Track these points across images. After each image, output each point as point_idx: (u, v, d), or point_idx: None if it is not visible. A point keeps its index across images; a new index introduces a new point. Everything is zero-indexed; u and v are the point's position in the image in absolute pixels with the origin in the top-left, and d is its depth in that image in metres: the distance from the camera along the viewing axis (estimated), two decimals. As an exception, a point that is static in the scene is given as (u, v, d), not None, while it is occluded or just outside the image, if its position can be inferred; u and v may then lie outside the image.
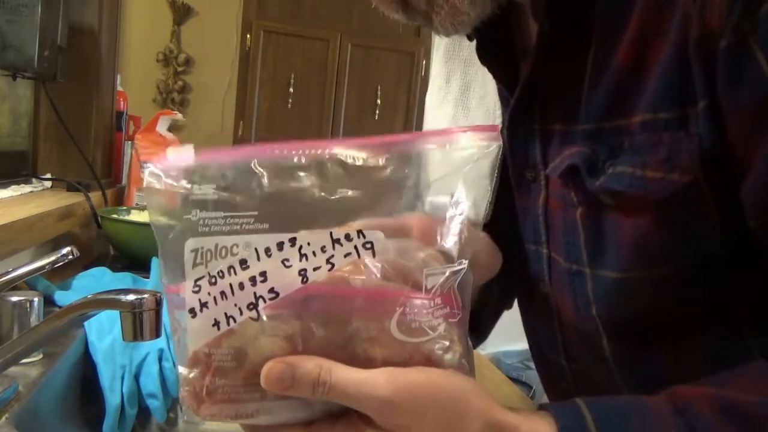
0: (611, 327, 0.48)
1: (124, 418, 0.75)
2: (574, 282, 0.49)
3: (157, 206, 0.35)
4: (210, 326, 0.33)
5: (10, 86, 1.27)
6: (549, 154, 0.51)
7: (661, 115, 0.41)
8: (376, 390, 0.33)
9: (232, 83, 3.04)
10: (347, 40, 2.72)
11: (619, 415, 0.37)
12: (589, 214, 0.47)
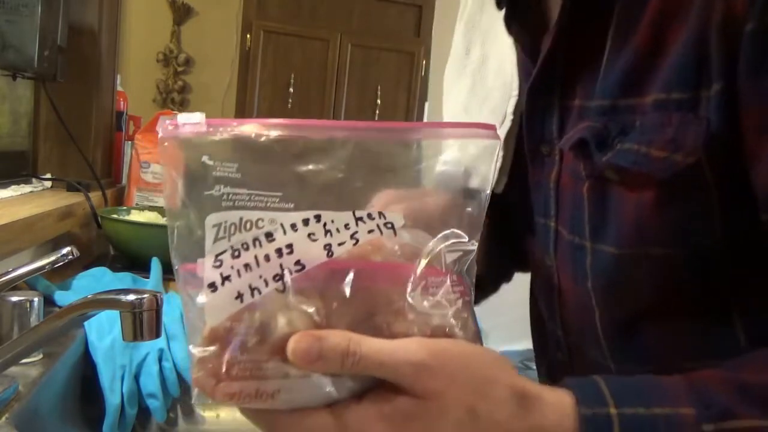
0: (604, 301, 0.49)
1: (124, 418, 0.75)
2: (575, 255, 0.50)
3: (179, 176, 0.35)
4: (233, 299, 0.32)
5: (10, 86, 1.27)
6: (566, 129, 0.51)
7: (674, 96, 0.42)
8: (410, 354, 0.33)
9: (232, 83, 3.04)
10: (347, 40, 2.72)
11: (635, 389, 0.38)
12: (594, 189, 0.48)
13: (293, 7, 2.71)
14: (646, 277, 0.46)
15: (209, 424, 0.88)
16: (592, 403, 0.36)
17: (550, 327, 0.59)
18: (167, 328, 0.84)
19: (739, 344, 0.44)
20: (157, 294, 0.55)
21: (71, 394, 0.75)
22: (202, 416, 0.88)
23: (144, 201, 1.43)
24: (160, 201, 1.44)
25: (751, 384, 0.38)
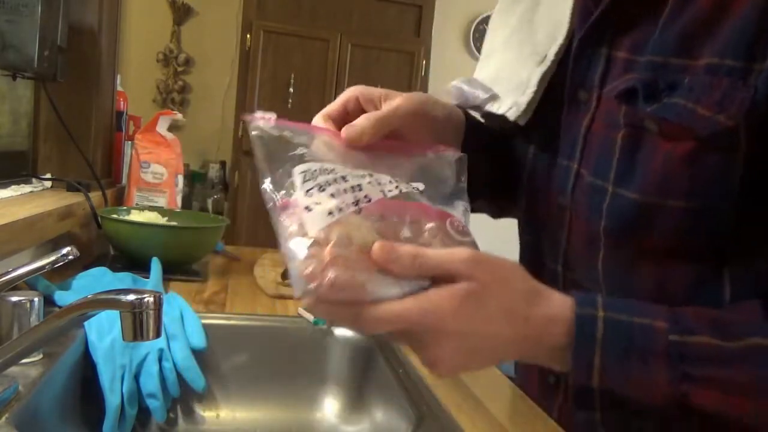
0: (611, 243, 0.54)
1: (124, 418, 0.75)
2: (593, 197, 0.54)
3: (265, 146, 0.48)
4: (325, 215, 0.44)
5: (10, 86, 1.27)
6: (608, 78, 0.55)
7: (727, 62, 0.45)
8: (464, 253, 0.44)
9: (232, 83, 3.04)
10: (347, 40, 2.72)
11: (624, 303, 0.47)
12: (630, 137, 0.51)
13: (293, 7, 2.71)
14: (658, 225, 0.50)
15: (209, 424, 0.88)
16: (586, 306, 0.46)
17: (550, 265, 0.63)
18: (167, 328, 0.84)
19: (723, 298, 0.50)
20: (157, 294, 0.55)
21: (71, 394, 0.75)
22: (202, 416, 0.88)
23: (144, 201, 1.43)
24: (160, 201, 1.44)
25: (720, 316, 0.46)
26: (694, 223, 0.49)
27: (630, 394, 0.46)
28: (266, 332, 0.95)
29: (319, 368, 0.95)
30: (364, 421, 0.88)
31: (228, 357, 0.92)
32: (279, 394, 0.93)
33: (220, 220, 1.33)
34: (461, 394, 0.75)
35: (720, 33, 0.46)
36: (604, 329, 0.45)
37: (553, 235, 0.61)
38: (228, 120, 3.02)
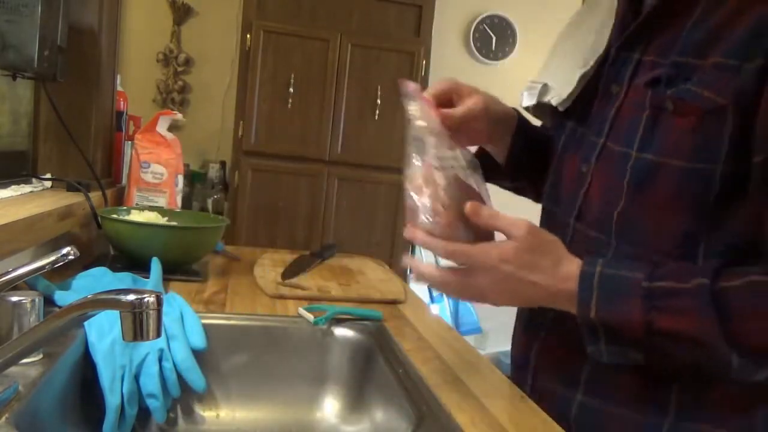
0: (631, 193, 0.69)
1: (124, 418, 0.75)
2: (619, 161, 0.71)
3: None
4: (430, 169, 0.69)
5: (10, 86, 1.27)
6: (637, 75, 0.72)
7: (729, 62, 0.63)
8: (523, 222, 0.67)
9: (232, 83, 3.04)
10: (347, 40, 2.72)
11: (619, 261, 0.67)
12: (653, 115, 0.69)
13: (293, 7, 2.71)
14: (664, 180, 0.67)
15: (209, 424, 0.88)
16: (590, 264, 0.66)
17: (563, 217, 0.80)
18: (167, 328, 0.84)
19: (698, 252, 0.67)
20: (157, 294, 0.55)
21: (71, 394, 0.75)
22: (202, 416, 0.88)
23: (144, 201, 1.43)
24: (160, 201, 1.44)
25: (682, 268, 0.64)
26: (689, 180, 0.65)
27: (616, 326, 0.64)
28: (266, 332, 0.95)
29: (319, 368, 0.95)
30: (364, 421, 0.88)
31: (228, 357, 0.92)
32: (279, 394, 0.93)
33: (220, 220, 1.33)
34: (461, 394, 0.75)
35: (724, 40, 0.63)
36: (599, 281, 0.65)
37: (571, 195, 0.78)
38: (228, 120, 3.02)
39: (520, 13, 3.48)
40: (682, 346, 0.62)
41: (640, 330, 0.62)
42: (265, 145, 2.72)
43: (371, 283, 1.26)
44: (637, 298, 0.62)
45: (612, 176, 0.72)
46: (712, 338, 0.60)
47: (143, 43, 3.14)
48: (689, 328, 0.61)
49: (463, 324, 3.26)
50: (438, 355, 0.89)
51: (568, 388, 0.76)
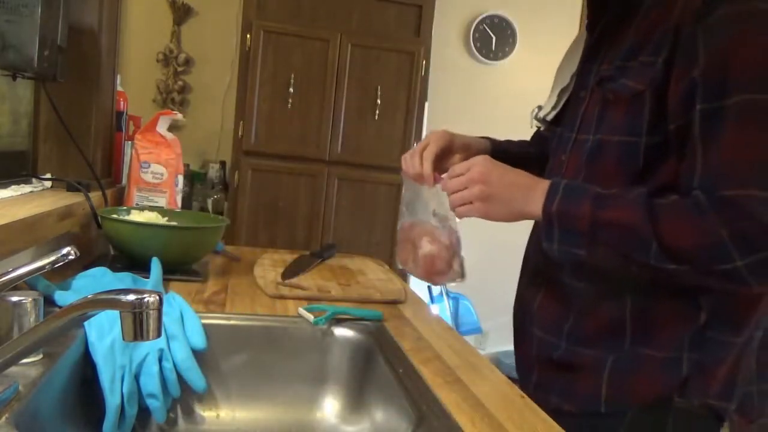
0: (587, 167, 0.89)
1: (124, 418, 0.75)
2: (582, 146, 0.91)
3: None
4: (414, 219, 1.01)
5: (10, 86, 1.27)
6: (596, 80, 0.92)
7: (649, 59, 0.82)
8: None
9: (232, 83, 3.04)
10: (347, 40, 2.71)
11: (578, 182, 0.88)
12: (602, 106, 0.89)
13: (293, 7, 2.71)
14: (608, 154, 0.87)
15: (209, 424, 0.88)
16: (558, 180, 0.86)
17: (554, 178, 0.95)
18: (167, 328, 0.84)
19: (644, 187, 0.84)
20: (157, 294, 0.55)
21: (71, 394, 0.75)
22: (202, 416, 0.88)
23: (144, 201, 1.43)
24: (160, 201, 1.44)
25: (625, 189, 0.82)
26: (623, 151, 0.85)
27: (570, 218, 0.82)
28: (266, 332, 0.95)
29: (319, 368, 0.95)
30: (364, 421, 0.88)
31: (228, 357, 0.92)
32: (279, 394, 0.93)
33: (220, 220, 1.33)
34: (461, 394, 0.75)
35: (648, 44, 0.83)
36: (564, 186, 0.84)
37: (556, 173, 0.96)
38: (228, 120, 3.01)
39: (520, 13, 3.48)
40: (617, 233, 0.79)
41: (587, 222, 0.80)
42: (265, 145, 2.72)
43: (371, 283, 1.26)
44: (589, 198, 0.81)
45: (578, 159, 0.91)
46: (641, 226, 0.76)
47: (143, 43, 3.14)
48: (625, 216, 0.78)
49: (463, 324, 3.26)
50: (438, 355, 0.89)
51: (555, 336, 0.93)
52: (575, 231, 0.81)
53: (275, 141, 2.72)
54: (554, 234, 0.83)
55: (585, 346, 0.89)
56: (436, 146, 1.02)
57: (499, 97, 3.42)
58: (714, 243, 0.73)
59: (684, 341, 0.84)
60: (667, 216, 0.77)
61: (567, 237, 0.82)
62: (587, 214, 0.80)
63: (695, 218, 0.75)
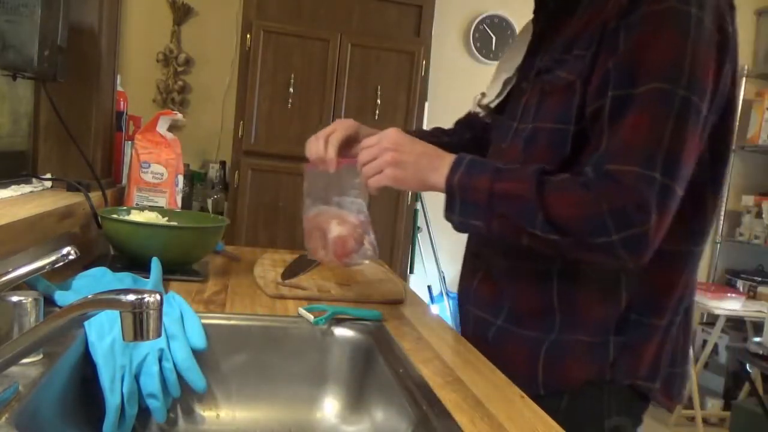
0: (522, 153, 0.93)
1: (124, 418, 0.75)
2: (521, 134, 0.95)
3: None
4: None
5: (10, 86, 1.27)
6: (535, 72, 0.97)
7: (581, 53, 0.87)
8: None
9: (232, 83, 3.04)
10: (347, 40, 2.72)
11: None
12: (539, 98, 0.93)
13: (293, 7, 2.71)
14: (541, 140, 0.91)
15: (209, 424, 0.88)
16: (465, 154, 0.91)
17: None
18: (167, 328, 0.84)
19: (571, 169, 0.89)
20: (157, 294, 0.55)
21: (71, 394, 0.75)
22: (202, 416, 0.88)
23: (144, 201, 1.43)
24: (160, 201, 1.44)
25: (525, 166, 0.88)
26: (554, 138, 0.89)
27: (470, 189, 0.87)
28: (266, 332, 0.95)
29: (319, 368, 0.95)
30: (364, 421, 0.88)
31: (228, 357, 0.92)
32: (279, 394, 0.93)
33: (220, 220, 1.33)
34: (461, 394, 0.75)
35: (581, 39, 0.88)
36: (468, 161, 0.89)
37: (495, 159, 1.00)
38: (228, 120, 3.02)
39: (520, 13, 3.48)
40: (509, 204, 0.84)
41: (485, 194, 0.86)
42: (265, 145, 2.72)
43: (371, 283, 1.26)
44: (489, 172, 0.87)
45: (517, 147, 0.94)
46: (530, 197, 0.82)
47: (143, 43, 3.14)
48: (517, 188, 0.84)
49: (463, 324, 3.26)
50: (438, 355, 0.89)
51: (490, 315, 0.98)
52: (474, 202, 0.87)
53: (275, 141, 2.72)
54: (455, 206, 0.89)
55: (518, 327, 0.94)
56: (342, 133, 1.04)
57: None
58: (594, 215, 0.79)
59: (609, 325, 0.89)
60: (554, 189, 0.82)
61: (466, 208, 0.87)
62: (486, 186, 0.85)
63: (579, 191, 0.81)
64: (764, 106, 3.65)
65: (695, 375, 3.37)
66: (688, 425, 3.49)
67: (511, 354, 0.93)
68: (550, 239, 0.82)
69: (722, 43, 0.82)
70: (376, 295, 1.17)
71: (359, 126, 1.09)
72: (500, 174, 0.86)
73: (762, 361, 2.66)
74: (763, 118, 3.64)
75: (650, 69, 0.79)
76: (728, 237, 3.84)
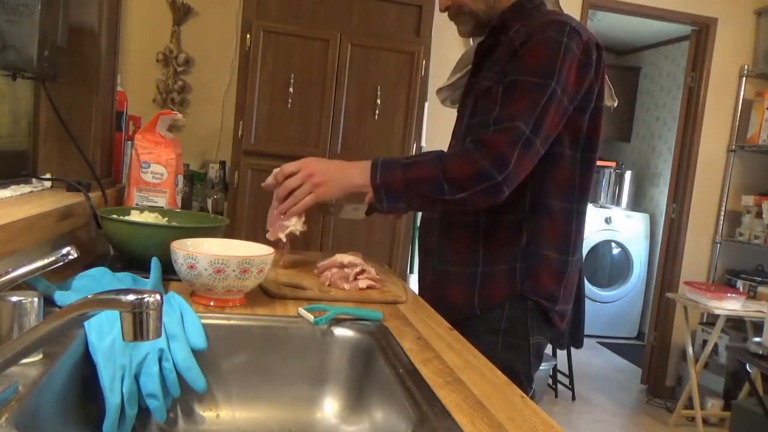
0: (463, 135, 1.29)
1: (124, 418, 0.75)
2: (466, 132, 1.29)
3: None
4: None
5: (10, 86, 1.27)
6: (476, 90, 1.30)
7: (500, 68, 1.20)
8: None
9: (232, 83, 3.04)
10: (347, 40, 2.71)
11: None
12: (474, 101, 1.28)
13: (293, 7, 2.71)
14: (471, 131, 1.23)
15: (209, 424, 0.88)
16: (376, 158, 1.20)
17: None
18: (167, 328, 0.84)
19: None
20: (157, 294, 0.55)
21: (71, 394, 0.75)
22: (202, 416, 0.88)
23: (144, 201, 1.43)
24: (160, 201, 1.44)
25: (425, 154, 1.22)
26: (479, 128, 1.19)
27: (389, 184, 1.16)
28: (266, 332, 0.95)
29: (319, 368, 0.95)
30: (364, 421, 0.88)
31: (228, 357, 0.92)
32: (279, 394, 0.93)
33: (220, 220, 1.33)
34: (461, 394, 0.75)
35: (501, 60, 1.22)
36: (382, 162, 1.17)
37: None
38: (228, 120, 3.02)
39: (520, 13, 3.48)
40: (421, 184, 1.15)
41: (401, 183, 1.15)
42: (265, 145, 2.72)
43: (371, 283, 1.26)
44: (400, 166, 1.17)
45: (463, 135, 1.31)
46: (435, 172, 1.14)
47: (143, 43, 3.14)
48: (424, 170, 1.15)
49: (463, 324, 3.26)
50: (438, 355, 0.89)
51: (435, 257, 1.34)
52: (395, 192, 1.16)
53: (275, 141, 2.72)
54: (382, 198, 1.17)
55: (453, 265, 1.30)
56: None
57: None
58: (479, 170, 1.12)
59: (516, 255, 1.24)
60: (449, 158, 1.16)
61: (390, 197, 1.17)
62: (400, 178, 1.16)
63: (465, 155, 1.15)
64: (764, 106, 3.65)
65: (695, 375, 3.37)
66: (688, 425, 3.49)
67: (453, 287, 1.29)
68: (458, 198, 1.13)
69: (585, 64, 1.18)
70: (376, 295, 1.17)
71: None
72: (408, 166, 1.17)
73: (762, 361, 2.66)
74: (763, 118, 3.64)
75: (533, 67, 1.15)
76: (728, 237, 3.84)
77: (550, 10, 1.29)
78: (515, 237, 1.24)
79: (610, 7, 3.67)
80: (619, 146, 5.77)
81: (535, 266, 1.23)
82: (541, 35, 1.16)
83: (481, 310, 1.25)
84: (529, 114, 1.12)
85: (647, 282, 5.06)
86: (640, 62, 5.61)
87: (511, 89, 1.15)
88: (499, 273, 1.25)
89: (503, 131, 1.12)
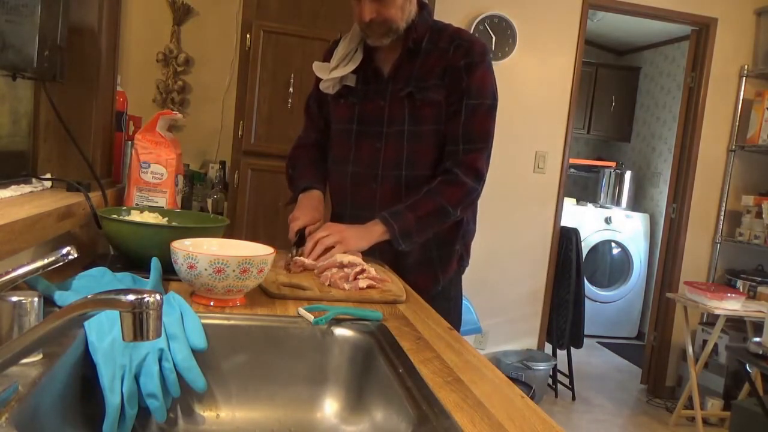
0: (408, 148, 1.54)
1: (124, 418, 0.75)
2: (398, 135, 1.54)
3: None
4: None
5: (10, 86, 1.27)
6: (393, 93, 1.54)
7: (437, 82, 1.50)
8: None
9: (232, 83, 3.04)
10: (347, 40, 2.71)
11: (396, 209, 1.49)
12: (410, 109, 1.52)
13: (293, 7, 2.71)
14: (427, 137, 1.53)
15: (209, 424, 0.88)
16: (381, 215, 1.47)
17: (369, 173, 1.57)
18: (167, 328, 0.84)
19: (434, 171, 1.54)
20: (157, 294, 0.55)
21: (71, 394, 0.75)
22: (202, 416, 0.88)
23: (144, 201, 1.43)
24: (160, 201, 1.44)
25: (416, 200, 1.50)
26: (436, 135, 1.51)
27: (406, 227, 1.44)
28: (266, 332, 0.95)
29: (319, 368, 0.95)
30: (364, 421, 0.88)
31: (228, 357, 0.92)
32: (279, 394, 0.93)
33: (220, 220, 1.33)
34: (461, 394, 0.75)
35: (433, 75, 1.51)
36: (390, 216, 1.46)
37: (372, 159, 1.56)
38: (228, 120, 3.02)
39: (520, 13, 3.48)
40: (430, 217, 1.46)
41: (414, 221, 1.44)
42: (265, 145, 2.72)
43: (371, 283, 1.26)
44: (408, 210, 1.45)
45: (397, 143, 1.52)
46: (438, 205, 1.46)
47: (143, 43, 3.14)
48: (428, 206, 1.46)
49: (463, 324, 3.26)
50: (438, 355, 0.89)
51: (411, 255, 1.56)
52: (412, 232, 1.45)
53: (275, 141, 2.72)
54: (405, 243, 1.46)
55: (428, 254, 1.58)
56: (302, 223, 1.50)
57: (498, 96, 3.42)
58: (468, 188, 1.49)
59: (459, 236, 1.60)
60: (443, 188, 1.47)
61: (409, 239, 1.46)
62: (412, 220, 1.44)
63: (455, 181, 1.48)
64: (764, 106, 3.65)
65: (695, 375, 3.38)
66: (688, 425, 3.49)
67: (425, 272, 1.58)
68: (459, 215, 1.51)
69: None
70: (376, 295, 1.17)
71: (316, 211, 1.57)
72: (414, 207, 1.45)
73: (762, 361, 2.66)
74: (763, 118, 3.64)
75: (487, 92, 1.50)
76: (728, 237, 3.84)
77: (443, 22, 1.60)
78: (458, 226, 1.60)
79: (610, 7, 3.67)
80: (619, 146, 5.77)
81: (467, 242, 1.66)
82: (481, 58, 1.49)
83: (442, 286, 1.64)
84: (491, 132, 1.52)
85: (647, 282, 5.06)
86: (640, 62, 5.61)
87: (474, 113, 1.48)
88: (452, 253, 1.62)
89: (477, 151, 1.49)
